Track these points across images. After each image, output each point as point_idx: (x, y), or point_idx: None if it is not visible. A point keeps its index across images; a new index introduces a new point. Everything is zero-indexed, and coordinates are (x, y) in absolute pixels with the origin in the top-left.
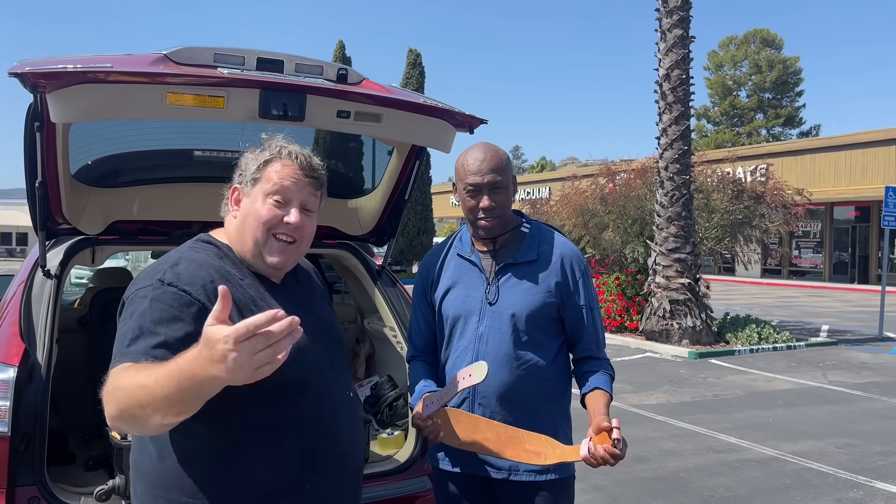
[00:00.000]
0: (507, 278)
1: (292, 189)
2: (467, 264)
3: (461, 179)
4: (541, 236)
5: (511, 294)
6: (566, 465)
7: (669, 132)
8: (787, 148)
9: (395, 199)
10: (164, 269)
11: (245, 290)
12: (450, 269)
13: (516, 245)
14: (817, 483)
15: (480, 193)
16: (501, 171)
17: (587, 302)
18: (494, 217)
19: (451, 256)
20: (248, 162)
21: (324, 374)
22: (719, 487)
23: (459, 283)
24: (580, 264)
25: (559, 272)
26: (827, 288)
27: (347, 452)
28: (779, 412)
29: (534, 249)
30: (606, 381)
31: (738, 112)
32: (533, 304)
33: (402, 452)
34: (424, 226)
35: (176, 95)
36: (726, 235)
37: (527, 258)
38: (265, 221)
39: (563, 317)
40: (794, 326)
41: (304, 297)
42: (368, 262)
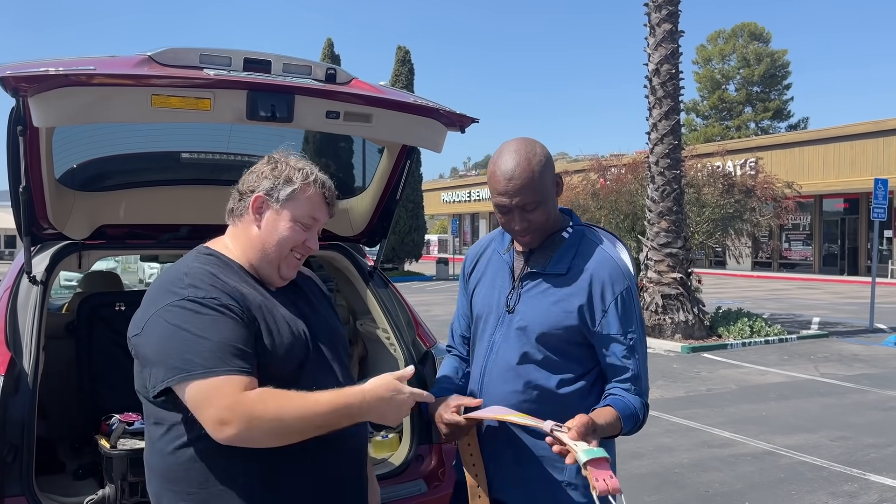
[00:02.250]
0: (531, 287)
1: (319, 218)
2: (501, 262)
3: (491, 193)
4: (580, 247)
5: (529, 305)
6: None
7: (660, 127)
8: (776, 141)
9: (387, 199)
10: (184, 284)
11: (256, 294)
12: (485, 262)
13: (550, 252)
14: (812, 477)
15: (511, 214)
16: (534, 189)
17: (621, 334)
18: (529, 233)
19: (491, 250)
20: (276, 177)
21: (321, 365)
22: (714, 482)
23: (489, 279)
24: (617, 288)
25: (586, 293)
26: (817, 280)
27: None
28: (772, 406)
29: (566, 261)
30: (621, 402)
31: (727, 106)
32: (549, 321)
33: (397, 455)
34: (416, 223)
35: (161, 98)
36: (717, 229)
37: (556, 270)
38: (293, 243)
39: (595, 341)
40: (785, 319)
41: (302, 300)
42: (360, 263)
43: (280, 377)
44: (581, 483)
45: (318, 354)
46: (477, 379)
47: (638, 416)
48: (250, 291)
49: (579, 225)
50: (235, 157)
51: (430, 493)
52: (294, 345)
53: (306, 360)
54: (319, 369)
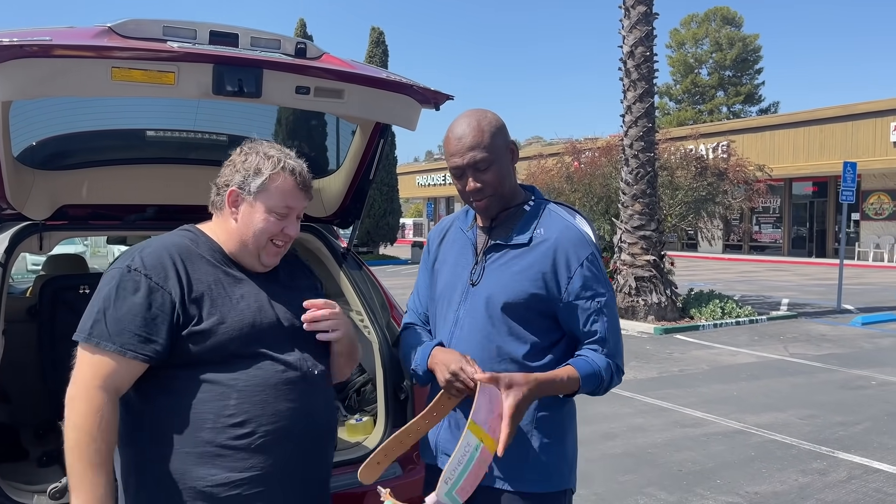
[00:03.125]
0: (495, 259)
1: (293, 206)
2: (464, 239)
3: (446, 159)
4: (541, 218)
5: (494, 277)
6: (547, 479)
7: (634, 110)
8: (747, 125)
9: (360, 179)
10: (135, 252)
11: (212, 276)
12: (449, 242)
13: (512, 224)
14: (781, 455)
15: (464, 176)
16: (486, 147)
17: (588, 298)
18: (485, 197)
19: (455, 229)
20: (247, 169)
21: (282, 347)
22: (687, 461)
23: (453, 258)
24: (582, 254)
25: (551, 261)
26: (786, 262)
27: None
28: (743, 385)
29: (528, 232)
30: (582, 361)
31: (700, 90)
32: (513, 291)
33: (371, 439)
34: (391, 206)
35: (122, 71)
36: (690, 212)
37: (519, 241)
38: (270, 234)
39: (560, 310)
40: (755, 300)
41: (281, 286)
42: (333, 244)
43: (235, 355)
44: None
45: (282, 335)
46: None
47: (601, 377)
48: (206, 273)
49: (541, 198)
50: (203, 135)
51: (405, 477)
52: (247, 328)
53: (263, 344)
54: (280, 347)
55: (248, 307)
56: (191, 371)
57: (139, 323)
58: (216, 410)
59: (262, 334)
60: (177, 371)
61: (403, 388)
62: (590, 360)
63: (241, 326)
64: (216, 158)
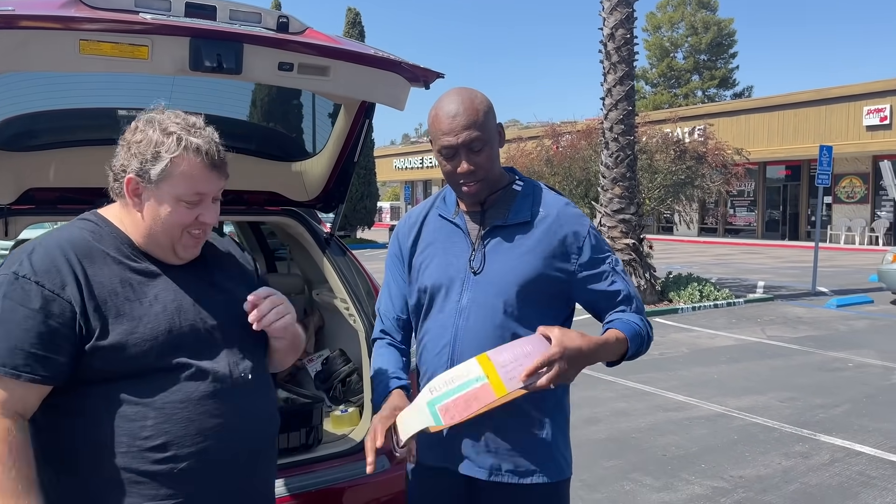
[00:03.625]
0: (496, 243)
1: (205, 191)
2: (450, 227)
3: (434, 138)
4: (535, 195)
5: (499, 261)
6: (558, 467)
7: (614, 92)
8: (723, 109)
9: (343, 161)
10: (25, 254)
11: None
12: (430, 232)
13: (507, 205)
14: (764, 438)
15: (457, 156)
16: (480, 126)
17: (602, 261)
18: (477, 181)
19: (432, 218)
20: (143, 153)
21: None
22: (671, 446)
23: (440, 248)
24: (585, 224)
25: (558, 235)
26: (760, 245)
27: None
28: (723, 368)
29: (527, 209)
30: (622, 323)
31: (675, 74)
32: (526, 272)
33: (358, 431)
34: (368, 190)
35: (91, 44)
36: (669, 196)
37: (518, 219)
38: (183, 225)
39: (574, 286)
40: (732, 283)
41: (201, 277)
42: (315, 229)
43: (151, 368)
44: None
45: (205, 338)
46: (443, 352)
47: (642, 334)
48: (111, 273)
49: (526, 178)
50: None
51: (393, 470)
52: (163, 335)
53: (183, 352)
54: (203, 353)
55: (164, 310)
56: (102, 388)
57: (33, 340)
58: (132, 432)
59: (182, 340)
60: (86, 388)
61: None
62: (627, 321)
63: (155, 335)
64: None
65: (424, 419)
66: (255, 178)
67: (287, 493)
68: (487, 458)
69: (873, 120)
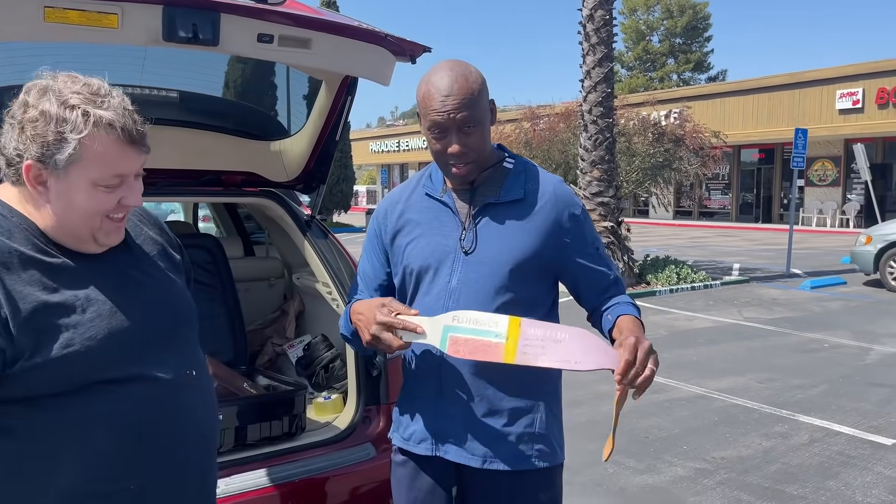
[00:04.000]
0: (487, 222)
1: (125, 171)
2: (438, 206)
3: (424, 115)
4: (527, 173)
5: (492, 240)
6: (552, 452)
7: (593, 74)
8: (699, 92)
9: (325, 140)
10: None
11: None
12: (415, 210)
13: (498, 183)
14: (744, 419)
15: (447, 136)
16: (473, 105)
17: (592, 244)
18: (468, 162)
19: (418, 196)
20: (43, 136)
21: (150, 357)
22: (653, 428)
23: (427, 227)
24: (578, 203)
25: (553, 213)
26: (734, 228)
27: (189, 442)
28: (701, 350)
29: (519, 187)
30: (629, 308)
31: (651, 57)
32: (520, 251)
33: (342, 418)
34: (344, 173)
35: (56, 11)
36: (647, 178)
37: (511, 197)
38: (103, 212)
39: (563, 267)
40: (708, 266)
41: (129, 265)
42: (295, 211)
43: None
44: None
45: (149, 346)
46: None
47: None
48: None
49: (516, 155)
50: (151, 91)
51: (380, 458)
52: (100, 344)
53: (124, 358)
54: (146, 356)
55: (98, 315)
56: (34, 407)
57: None
58: (73, 453)
59: (121, 346)
60: (14, 408)
61: (376, 363)
62: (628, 303)
63: (89, 346)
64: (165, 117)
65: (434, 337)
66: (231, 158)
67: (270, 483)
68: (479, 445)
69: (846, 104)
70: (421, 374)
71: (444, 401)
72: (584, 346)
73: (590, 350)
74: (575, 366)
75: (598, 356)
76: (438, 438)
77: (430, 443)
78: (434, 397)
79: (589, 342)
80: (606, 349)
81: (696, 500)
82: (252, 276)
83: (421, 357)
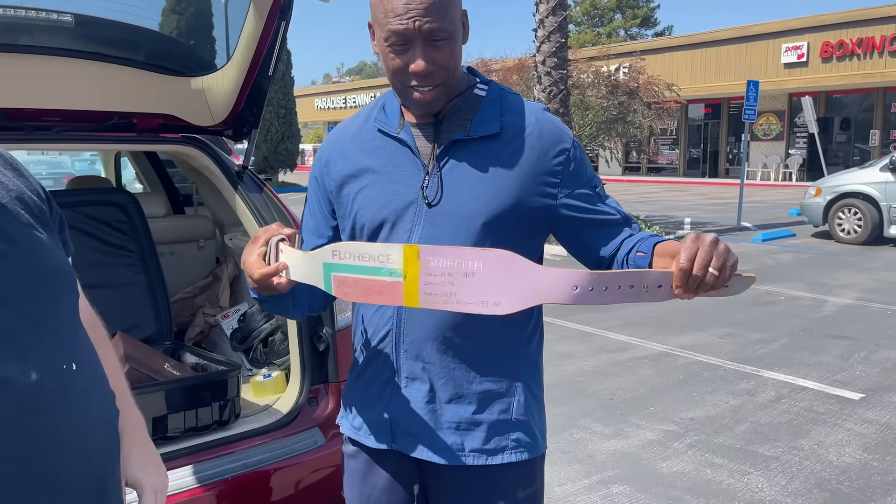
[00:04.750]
0: (456, 164)
1: None
2: (394, 145)
3: (379, 24)
4: (503, 101)
5: (461, 187)
6: (533, 441)
7: (547, 24)
8: (649, 46)
9: (256, 75)
10: None
11: None
12: (365, 151)
13: (468, 115)
14: (709, 376)
15: (410, 48)
16: (443, 11)
17: (591, 184)
18: (434, 85)
19: (369, 133)
20: None
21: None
22: (618, 389)
23: (381, 172)
24: (567, 138)
25: (536, 151)
26: (682, 183)
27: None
28: (658, 306)
29: (495, 119)
30: (656, 237)
31: (599, 12)
32: (497, 200)
33: (284, 400)
34: (289, 131)
35: None
36: (601, 132)
37: (485, 132)
38: None
39: (554, 218)
40: (660, 220)
41: None
42: (224, 161)
43: None
44: None
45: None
46: (385, 307)
47: None
48: None
49: (490, 81)
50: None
51: (329, 446)
52: None
53: None
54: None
55: None
56: None
57: None
58: None
59: None
60: None
61: (322, 335)
62: (650, 235)
63: None
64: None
65: (314, 277)
66: (144, 97)
67: (197, 483)
68: (445, 437)
69: (791, 57)
70: (373, 350)
71: (401, 383)
72: (507, 277)
73: (515, 282)
74: (494, 308)
75: (527, 288)
76: (395, 429)
77: (384, 434)
78: (389, 379)
79: (513, 269)
80: (540, 275)
81: (667, 465)
82: (178, 237)
83: (372, 328)
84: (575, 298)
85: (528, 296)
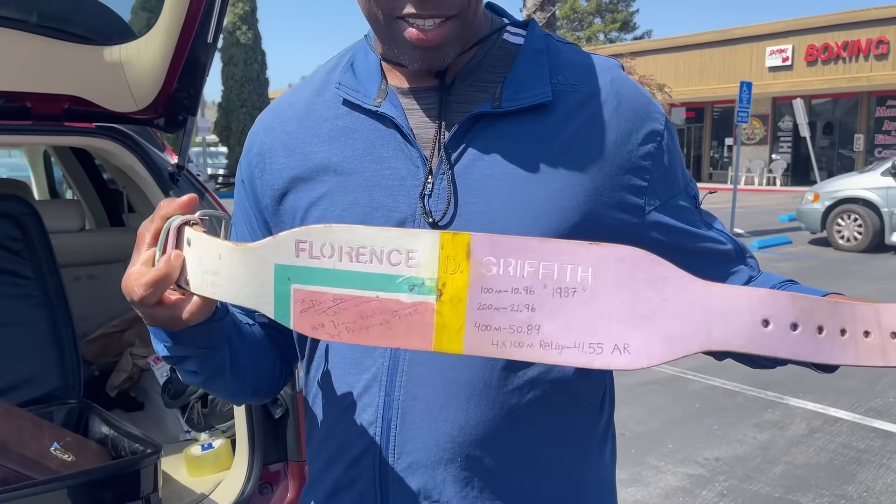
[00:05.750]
0: (478, 157)
1: None
2: (371, 125)
3: None
4: (554, 52)
5: (488, 195)
6: None
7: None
8: (632, 49)
9: (191, 45)
10: None
11: None
12: (323, 137)
13: (497, 73)
14: (728, 404)
15: None
16: None
17: (687, 188)
18: (444, 16)
19: (328, 107)
20: None
21: None
22: (629, 421)
23: (349, 171)
24: (658, 118)
25: (619, 130)
26: None
27: None
28: None
29: (544, 79)
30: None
31: (579, 16)
32: (550, 220)
33: (230, 482)
34: None
35: None
36: None
37: (528, 100)
38: None
39: (636, 240)
40: None
41: None
42: (153, 159)
43: None
44: None
45: None
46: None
47: None
48: None
49: (529, 21)
50: None
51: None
52: None
53: None
54: None
55: None
56: None
57: None
58: None
59: None
60: None
61: (279, 399)
62: (787, 280)
63: None
64: None
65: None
66: (42, 73)
67: None
68: None
69: (776, 61)
70: (340, 440)
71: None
72: (642, 296)
73: (658, 307)
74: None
75: (682, 319)
76: None
77: None
78: (366, 490)
79: (654, 282)
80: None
81: None
82: (102, 256)
83: (338, 395)
84: (759, 343)
85: (685, 332)
